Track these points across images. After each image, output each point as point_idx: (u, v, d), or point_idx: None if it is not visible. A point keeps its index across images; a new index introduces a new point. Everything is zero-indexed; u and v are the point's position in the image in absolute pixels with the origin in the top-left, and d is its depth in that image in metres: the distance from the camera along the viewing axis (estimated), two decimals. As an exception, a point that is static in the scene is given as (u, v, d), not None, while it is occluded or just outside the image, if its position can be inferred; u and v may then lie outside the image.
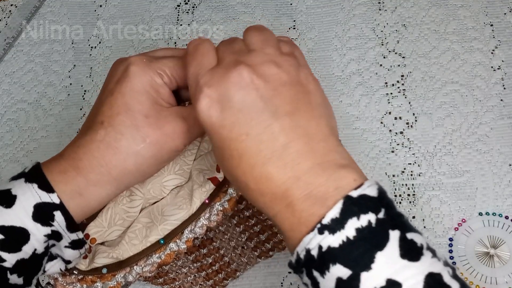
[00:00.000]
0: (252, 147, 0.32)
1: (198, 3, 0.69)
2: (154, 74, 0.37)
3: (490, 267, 0.49)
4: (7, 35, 0.72)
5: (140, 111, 0.36)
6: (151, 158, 0.37)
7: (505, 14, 0.60)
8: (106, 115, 0.36)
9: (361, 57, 0.61)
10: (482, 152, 0.54)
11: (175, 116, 0.37)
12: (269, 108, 0.32)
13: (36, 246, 0.36)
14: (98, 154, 0.36)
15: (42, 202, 0.35)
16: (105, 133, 0.36)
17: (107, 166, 0.36)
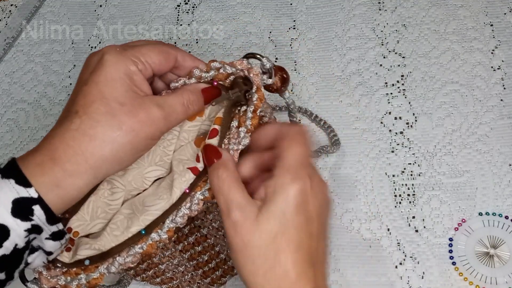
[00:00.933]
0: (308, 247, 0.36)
1: (198, 3, 0.69)
2: (128, 61, 0.37)
3: (490, 267, 0.49)
4: (7, 35, 0.72)
5: (115, 99, 0.36)
6: (128, 145, 0.37)
7: (505, 14, 0.60)
8: (80, 104, 0.36)
9: (361, 57, 0.61)
10: (482, 152, 0.54)
11: (150, 104, 0.38)
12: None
13: (17, 241, 0.36)
14: (73, 143, 0.36)
15: (20, 197, 0.35)
16: (80, 121, 0.36)
17: (84, 155, 0.36)
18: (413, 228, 0.52)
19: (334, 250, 0.53)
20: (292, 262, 0.35)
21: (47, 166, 0.36)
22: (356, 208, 0.54)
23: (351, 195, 0.55)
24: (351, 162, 0.56)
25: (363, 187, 0.55)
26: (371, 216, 0.53)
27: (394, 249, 0.52)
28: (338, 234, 0.53)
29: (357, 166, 0.56)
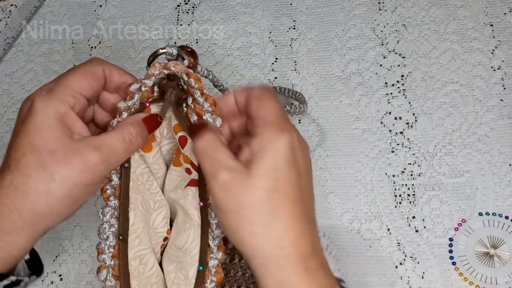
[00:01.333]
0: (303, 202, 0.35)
1: (198, 3, 0.69)
2: (57, 103, 0.35)
3: (490, 267, 0.49)
4: (7, 35, 0.72)
5: (45, 149, 0.34)
6: (64, 197, 0.35)
7: (505, 14, 0.60)
8: (12, 158, 0.35)
9: (361, 57, 0.61)
10: (482, 152, 0.54)
11: (86, 148, 0.35)
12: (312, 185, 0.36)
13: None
14: (7, 201, 0.34)
15: None
16: (12, 177, 0.34)
17: (18, 212, 0.34)
18: (413, 228, 0.52)
19: (334, 250, 0.53)
20: (292, 217, 0.33)
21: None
22: (356, 208, 0.54)
23: (351, 195, 0.55)
24: (351, 162, 0.56)
25: (363, 187, 0.55)
26: (371, 216, 0.53)
27: (394, 249, 0.52)
28: (338, 234, 0.53)
29: (357, 166, 0.56)
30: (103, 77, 0.38)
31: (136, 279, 0.39)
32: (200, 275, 0.38)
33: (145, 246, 0.40)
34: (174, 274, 0.40)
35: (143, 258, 0.40)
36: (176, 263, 0.40)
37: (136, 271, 0.39)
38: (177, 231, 0.41)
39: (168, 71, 0.39)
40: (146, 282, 0.40)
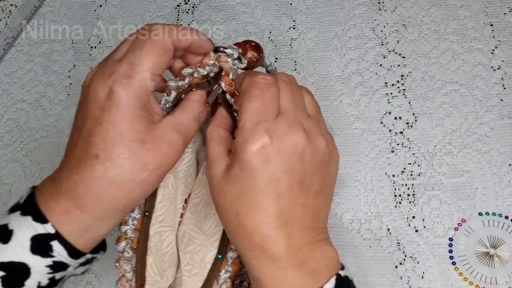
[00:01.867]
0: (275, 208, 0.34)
1: (198, 3, 0.69)
2: (139, 90, 0.35)
3: (490, 267, 0.49)
4: (7, 35, 0.72)
5: (136, 139, 0.34)
6: (156, 181, 0.36)
7: (505, 14, 0.60)
8: (100, 148, 0.34)
9: (361, 57, 0.61)
10: (482, 152, 0.54)
11: (170, 132, 0.36)
12: (305, 184, 0.35)
13: (40, 279, 0.35)
14: (100, 192, 0.35)
15: (38, 234, 0.35)
16: (104, 168, 0.34)
17: (113, 201, 0.35)
18: (413, 228, 0.52)
19: (334, 250, 0.53)
20: (253, 225, 0.34)
21: (74, 215, 0.35)
22: (356, 208, 0.54)
23: (351, 195, 0.55)
24: (351, 162, 0.56)
25: (363, 187, 0.55)
26: (371, 216, 0.53)
27: (394, 249, 0.52)
28: (338, 234, 0.53)
29: (357, 166, 0.56)
30: (173, 48, 0.38)
31: (153, 255, 0.40)
32: (216, 263, 0.39)
33: (167, 224, 0.41)
34: (190, 255, 0.41)
35: (162, 235, 0.41)
36: (196, 245, 0.41)
37: (155, 247, 0.40)
38: (197, 214, 0.42)
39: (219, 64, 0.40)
40: (160, 259, 0.41)
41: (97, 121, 0.35)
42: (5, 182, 0.64)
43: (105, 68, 0.36)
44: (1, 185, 0.63)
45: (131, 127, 0.35)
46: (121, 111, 0.34)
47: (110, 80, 0.35)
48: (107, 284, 0.56)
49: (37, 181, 0.63)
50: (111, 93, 0.34)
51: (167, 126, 0.36)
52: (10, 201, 0.62)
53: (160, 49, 0.37)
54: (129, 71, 0.35)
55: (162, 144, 0.36)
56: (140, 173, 0.35)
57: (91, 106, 0.35)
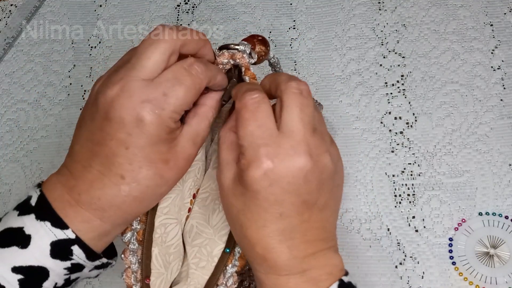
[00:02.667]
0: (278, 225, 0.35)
1: (198, 3, 0.69)
2: (169, 123, 0.35)
3: (490, 267, 0.49)
4: (7, 35, 0.72)
5: (160, 160, 0.36)
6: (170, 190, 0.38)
7: (505, 14, 0.60)
8: (125, 169, 0.35)
9: (361, 57, 0.61)
10: (482, 152, 0.54)
11: (188, 146, 0.37)
12: (310, 202, 0.35)
13: (56, 280, 0.36)
14: (124, 207, 0.36)
15: (58, 239, 0.35)
16: (129, 188, 0.35)
17: (134, 213, 0.38)
18: (413, 228, 0.52)
19: (334, 250, 0.53)
20: (256, 238, 0.35)
21: (96, 224, 0.36)
22: (356, 208, 0.54)
23: (351, 195, 0.55)
24: (351, 162, 0.56)
25: (363, 187, 0.55)
26: (371, 216, 0.53)
27: (394, 249, 0.52)
28: (338, 234, 0.53)
29: (357, 166, 0.56)
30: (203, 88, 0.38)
31: (158, 247, 0.41)
32: (224, 257, 0.39)
33: (172, 216, 0.41)
34: (198, 248, 0.41)
35: (167, 227, 0.41)
36: (203, 239, 0.41)
37: (160, 239, 0.41)
38: (206, 209, 0.42)
39: (234, 62, 0.40)
40: (165, 252, 0.41)
41: (123, 144, 0.35)
42: (5, 182, 0.64)
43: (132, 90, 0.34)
44: (1, 185, 0.63)
45: (157, 150, 0.35)
46: (150, 138, 0.35)
47: (141, 108, 0.34)
48: (107, 284, 0.56)
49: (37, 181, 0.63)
50: (141, 121, 0.34)
51: (186, 140, 0.37)
52: (10, 201, 0.62)
53: (197, 90, 0.37)
54: (163, 103, 0.35)
55: (182, 160, 0.37)
56: (160, 188, 0.37)
57: (116, 127, 0.35)
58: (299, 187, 0.34)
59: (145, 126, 0.34)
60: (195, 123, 0.38)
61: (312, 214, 0.36)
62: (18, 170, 0.64)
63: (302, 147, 0.34)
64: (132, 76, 0.35)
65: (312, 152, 0.35)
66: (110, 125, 0.35)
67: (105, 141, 0.35)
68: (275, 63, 0.45)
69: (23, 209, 0.37)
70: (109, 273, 0.55)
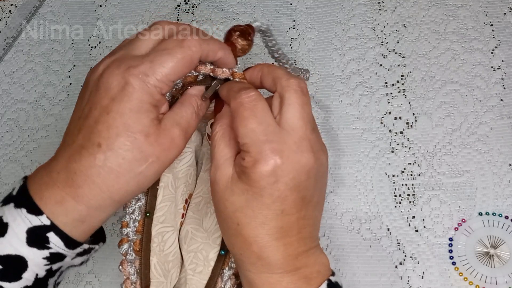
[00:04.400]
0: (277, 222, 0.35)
1: (198, 3, 0.69)
2: (153, 90, 0.35)
3: (490, 267, 0.49)
4: (7, 35, 0.72)
5: (141, 131, 0.35)
6: (153, 175, 0.37)
7: (505, 14, 0.60)
8: (103, 137, 0.34)
9: (361, 57, 0.61)
10: (482, 152, 0.54)
11: (171, 126, 0.36)
12: (307, 199, 0.36)
13: (37, 271, 0.35)
14: (99, 180, 0.35)
15: (33, 226, 0.35)
16: (105, 157, 0.34)
17: (109, 191, 0.35)
18: (413, 228, 0.52)
19: (334, 250, 0.53)
20: (254, 236, 0.35)
21: (70, 205, 0.35)
22: (356, 208, 0.54)
23: (351, 195, 0.55)
24: (351, 162, 0.56)
25: (363, 187, 0.55)
26: (371, 216, 0.53)
27: (394, 249, 0.52)
28: (338, 234, 0.53)
29: (357, 166, 0.56)
30: (198, 62, 0.38)
31: (157, 256, 0.40)
32: (220, 259, 0.39)
33: (169, 224, 0.41)
34: (194, 254, 0.41)
35: (164, 236, 0.41)
36: (198, 243, 0.41)
37: (158, 248, 0.40)
38: (199, 213, 0.42)
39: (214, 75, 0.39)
40: (164, 260, 0.41)
41: (105, 109, 0.34)
42: (5, 182, 0.64)
43: (123, 60, 0.35)
44: (1, 185, 0.63)
45: (138, 119, 0.35)
46: (132, 103, 0.34)
47: (127, 72, 0.35)
48: (107, 284, 0.56)
49: (37, 181, 0.63)
50: (125, 84, 0.34)
51: (169, 121, 0.36)
52: (10, 201, 0.62)
53: (187, 61, 0.36)
54: (148, 69, 0.35)
55: (164, 138, 0.36)
56: (139, 165, 0.35)
57: (102, 95, 0.35)
58: (300, 183, 0.35)
59: (128, 89, 0.34)
60: (177, 107, 0.38)
61: (308, 210, 0.36)
62: (18, 170, 0.64)
63: (305, 144, 0.35)
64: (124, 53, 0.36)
65: (314, 149, 0.35)
66: (97, 94, 0.35)
67: (90, 111, 0.35)
68: (266, 30, 0.44)
69: (5, 200, 0.37)
70: (109, 273, 0.56)
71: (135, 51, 0.36)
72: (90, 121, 0.35)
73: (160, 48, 0.36)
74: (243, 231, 0.35)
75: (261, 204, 0.34)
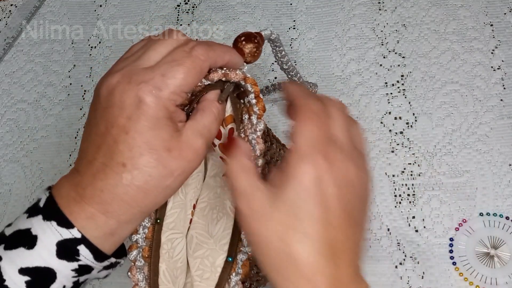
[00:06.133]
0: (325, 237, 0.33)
1: (198, 3, 0.69)
2: (167, 103, 0.35)
3: (490, 267, 0.49)
4: (7, 35, 0.72)
5: (162, 147, 0.35)
6: (178, 186, 0.37)
7: (505, 14, 0.60)
8: (126, 157, 0.34)
9: (361, 57, 0.61)
10: (482, 152, 0.54)
11: (194, 137, 0.36)
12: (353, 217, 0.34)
13: (65, 282, 0.36)
14: (127, 198, 0.35)
15: (64, 239, 0.35)
16: (131, 177, 0.34)
17: (139, 207, 0.36)
18: (413, 228, 0.52)
19: (334, 250, 0.53)
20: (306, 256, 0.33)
21: (101, 220, 0.35)
22: (356, 208, 0.54)
23: (351, 195, 0.55)
24: (351, 162, 0.56)
25: (363, 187, 0.55)
26: (371, 216, 0.53)
27: (394, 249, 0.52)
28: (338, 234, 0.53)
29: (357, 166, 0.56)
30: (206, 71, 0.37)
31: (166, 262, 0.40)
32: (227, 266, 0.39)
33: (178, 230, 0.41)
34: (200, 260, 0.40)
35: (173, 242, 0.41)
36: (205, 249, 0.41)
37: (167, 255, 0.40)
38: (205, 218, 0.42)
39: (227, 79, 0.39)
40: (173, 267, 0.41)
41: (123, 129, 0.34)
42: (5, 182, 0.64)
43: (133, 75, 0.35)
44: (1, 185, 0.63)
45: (158, 135, 0.34)
46: (149, 121, 0.34)
47: (139, 89, 0.34)
48: (107, 284, 0.56)
49: (37, 181, 0.63)
50: (139, 102, 0.34)
51: (191, 132, 0.36)
52: (10, 201, 0.62)
53: (197, 71, 0.36)
54: (160, 83, 0.35)
55: (187, 150, 0.36)
56: (166, 180, 0.35)
57: (116, 113, 0.35)
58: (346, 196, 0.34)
59: (144, 107, 0.34)
60: (199, 116, 0.38)
61: (354, 231, 0.34)
62: (18, 170, 0.64)
63: (351, 157, 0.34)
64: (134, 65, 0.36)
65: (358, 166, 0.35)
66: (111, 112, 0.35)
67: (107, 130, 0.35)
68: (276, 39, 0.44)
69: (31, 211, 0.36)
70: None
71: (145, 62, 0.36)
72: (109, 140, 0.35)
73: (169, 60, 0.36)
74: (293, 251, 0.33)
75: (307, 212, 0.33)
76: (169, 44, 0.37)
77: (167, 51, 0.37)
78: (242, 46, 0.40)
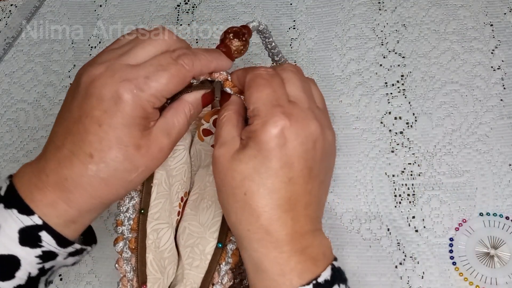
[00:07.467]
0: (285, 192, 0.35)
1: (198, 3, 0.69)
2: (146, 105, 0.36)
3: (490, 267, 0.49)
4: (7, 35, 0.72)
5: (132, 144, 0.35)
6: (141, 181, 0.38)
7: (505, 14, 0.60)
8: (95, 148, 0.35)
9: (361, 57, 0.61)
10: (482, 152, 0.54)
11: (162, 136, 0.37)
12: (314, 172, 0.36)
13: (30, 269, 0.36)
14: (90, 189, 0.36)
15: (26, 226, 0.35)
16: (97, 169, 0.35)
17: (100, 197, 0.36)
18: (413, 228, 0.52)
19: (334, 250, 0.52)
20: (262, 206, 0.34)
21: (61, 208, 0.36)
22: (356, 208, 0.54)
23: (351, 195, 0.55)
24: (351, 162, 0.56)
25: (363, 187, 0.55)
26: (371, 216, 0.53)
27: (394, 249, 0.52)
28: (338, 234, 0.53)
29: (357, 166, 0.56)
30: (190, 80, 0.38)
31: (152, 252, 0.40)
32: (217, 253, 0.39)
33: (164, 220, 0.41)
34: (191, 248, 0.41)
35: (159, 232, 0.41)
36: (195, 238, 0.41)
37: (153, 245, 0.41)
38: (196, 209, 0.42)
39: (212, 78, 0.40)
40: (160, 257, 0.41)
41: (97, 121, 0.35)
42: (5, 182, 0.64)
43: (118, 70, 0.36)
44: (1, 185, 0.63)
45: (130, 133, 0.35)
46: (124, 118, 0.35)
47: (121, 85, 0.35)
48: (107, 284, 0.56)
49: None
50: (118, 98, 0.35)
51: (160, 130, 0.37)
52: (10, 201, 0.62)
53: (180, 79, 0.37)
54: (142, 84, 0.35)
55: (154, 148, 0.37)
56: (130, 174, 0.36)
57: (93, 104, 0.35)
58: (307, 152, 0.35)
59: (122, 104, 0.35)
60: (170, 115, 0.38)
61: (314, 186, 0.36)
62: (18, 170, 0.64)
63: (312, 113, 0.36)
64: (120, 60, 0.36)
65: (320, 122, 0.36)
66: (89, 102, 0.35)
67: (81, 118, 0.36)
68: (264, 30, 0.45)
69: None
70: (109, 273, 0.56)
71: (131, 59, 0.37)
72: (80, 128, 0.35)
73: (155, 63, 0.37)
74: (251, 201, 0.35)
75: (269, 169, 0.34)
76: (158, 45, 0.38)
77: (155, 51, 0.37)
78: (230, 43, 0.40)
